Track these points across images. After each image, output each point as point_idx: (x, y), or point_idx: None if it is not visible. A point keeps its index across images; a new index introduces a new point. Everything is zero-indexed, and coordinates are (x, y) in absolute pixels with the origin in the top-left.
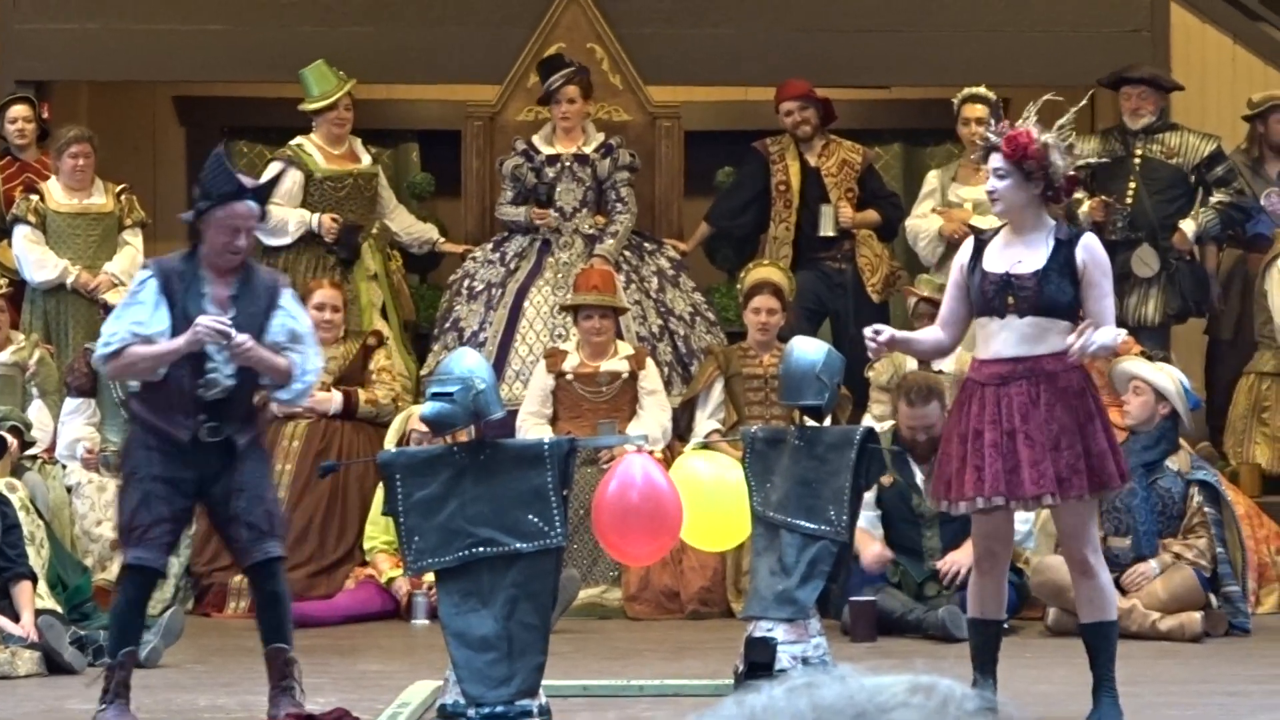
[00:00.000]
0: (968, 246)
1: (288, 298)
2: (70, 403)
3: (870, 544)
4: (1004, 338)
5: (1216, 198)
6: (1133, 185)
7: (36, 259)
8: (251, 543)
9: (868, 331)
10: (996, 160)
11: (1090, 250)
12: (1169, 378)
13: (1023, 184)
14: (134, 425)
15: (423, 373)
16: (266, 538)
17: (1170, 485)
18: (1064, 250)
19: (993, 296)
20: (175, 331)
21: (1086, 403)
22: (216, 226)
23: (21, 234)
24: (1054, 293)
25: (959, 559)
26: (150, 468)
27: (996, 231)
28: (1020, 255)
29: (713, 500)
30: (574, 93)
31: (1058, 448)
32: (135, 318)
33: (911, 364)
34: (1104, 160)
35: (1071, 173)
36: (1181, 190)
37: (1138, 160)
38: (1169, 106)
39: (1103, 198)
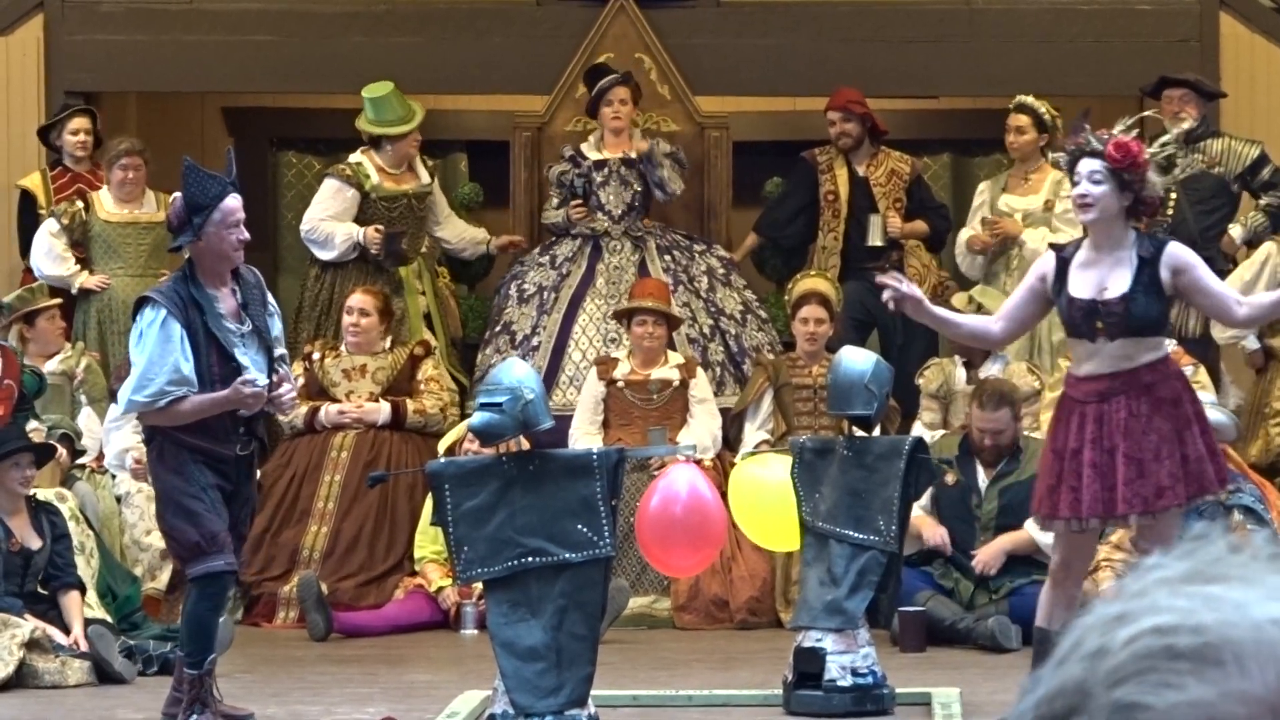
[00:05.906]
0: (1049, 260)
1: (268, 293)
2: (115, 410)
3: (928, 523)
4: (1097, 360)
5: (1265, 200)
6: (1174, 196)
7: (48, 250)
8: (237, 553)
9: (889, 279)
10: (1093, 164)
11: (1173, 259)
12: (1214, 411)
13: (1117, 193)
14: (169, 444)
15: (476, 377)
16: (239, 550)
17: (1213, 516)
18: (1147, 269)
19: (1080, 322)
20: (197, 367)
21: (1184, 409)
22: (218, 229)
23: (47, 228)
24: (1142, 313)
25: (986, 559)
26: (204, 478)
27: (1078, 246)
28: (1105, 278)
29: (777, 501)
30: (624, 94)
31: (1158, 458)
32: (174, 367)
33: (960, 373)
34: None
35: (1161, 193)
36: (1224, 200)
37: (1179, 170)
38: (1215, 114)
39: None
